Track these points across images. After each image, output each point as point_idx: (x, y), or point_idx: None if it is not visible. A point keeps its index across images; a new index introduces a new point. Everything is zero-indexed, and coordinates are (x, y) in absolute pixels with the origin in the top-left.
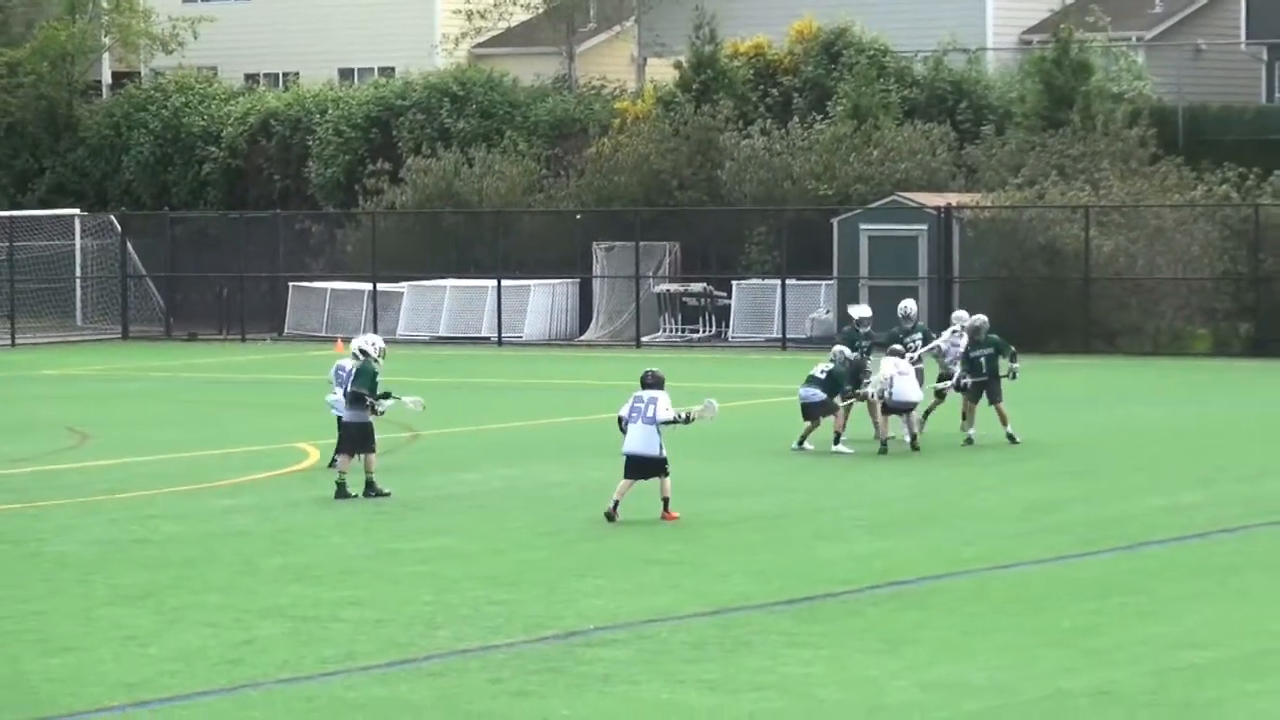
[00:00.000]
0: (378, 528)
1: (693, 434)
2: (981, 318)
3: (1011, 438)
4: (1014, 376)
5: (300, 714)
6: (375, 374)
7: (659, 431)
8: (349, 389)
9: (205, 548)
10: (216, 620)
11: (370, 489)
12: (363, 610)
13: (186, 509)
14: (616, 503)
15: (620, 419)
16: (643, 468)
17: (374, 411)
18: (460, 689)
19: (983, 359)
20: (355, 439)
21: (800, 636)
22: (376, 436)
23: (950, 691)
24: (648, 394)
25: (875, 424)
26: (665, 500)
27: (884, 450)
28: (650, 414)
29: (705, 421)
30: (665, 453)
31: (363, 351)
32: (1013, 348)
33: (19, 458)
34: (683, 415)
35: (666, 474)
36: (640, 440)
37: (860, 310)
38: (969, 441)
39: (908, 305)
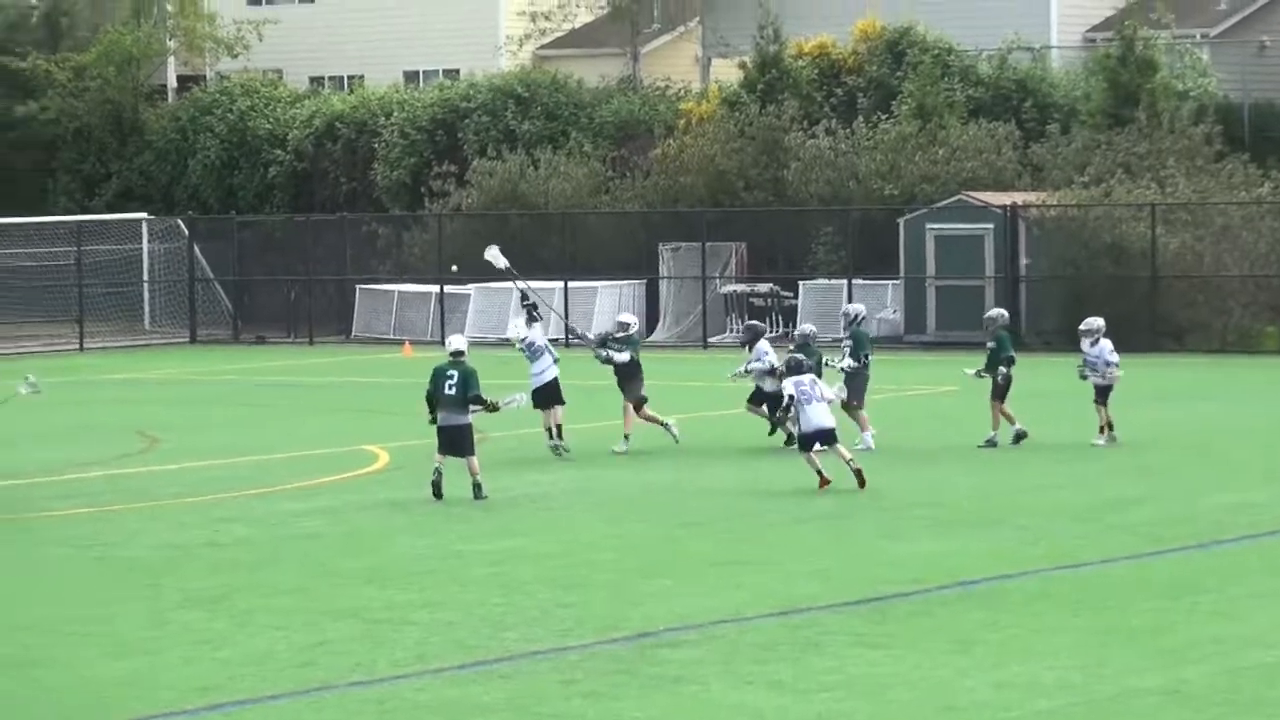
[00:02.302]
0: (447, 530)
1: (756, 434)
2: (996, 311)
3: (991, 442)
4: (1001, 380)
5: (372, 716)
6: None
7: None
8: (457, 393)
9: (276, 551)
10: (287, 623)
11: (478, 491)
12: (434, 612)
13: (256, 512)
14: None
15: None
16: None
17: (494, 409)
18: (531, 691)
19: (988, 353)
20: (456, 442)
21: (869, 637)
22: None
23: (1021, 691)
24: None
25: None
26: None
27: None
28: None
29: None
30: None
31: (460, 352)
32: (1010, 353)
33: (88, 462)
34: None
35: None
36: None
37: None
38: (989, 443)
39: (852, 308)
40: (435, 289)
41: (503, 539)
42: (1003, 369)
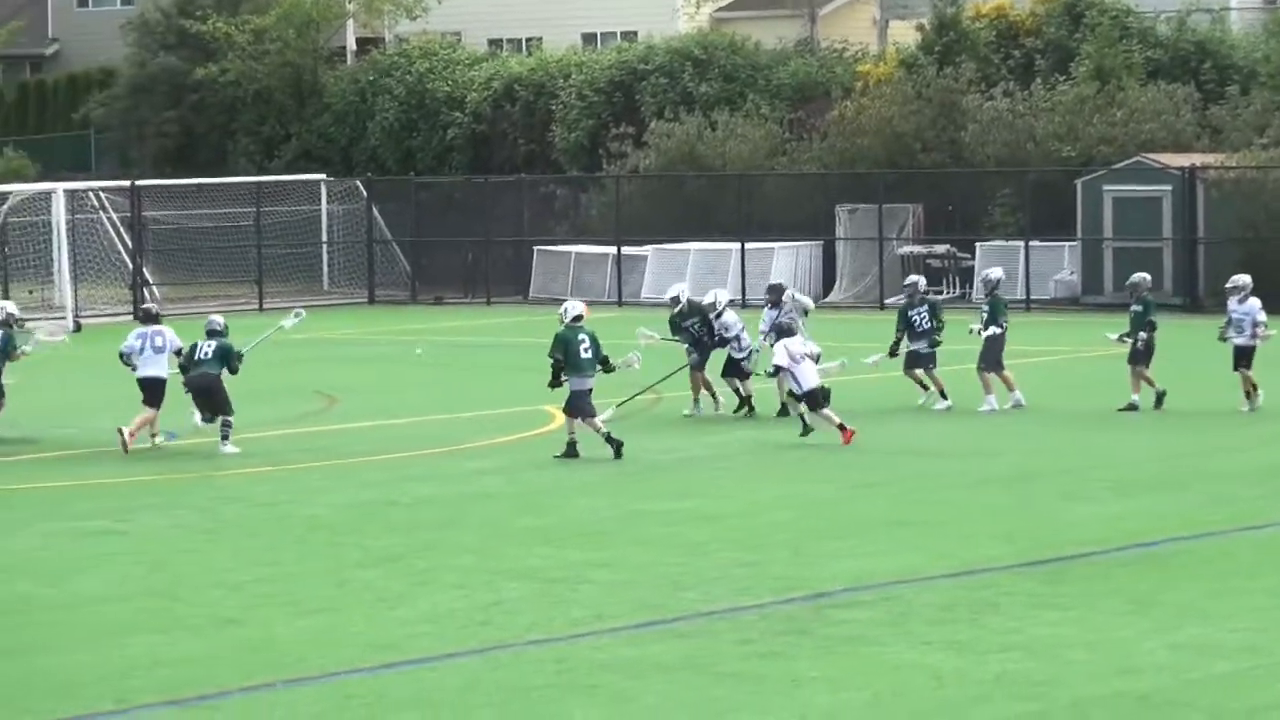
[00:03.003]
0: (624, 489)
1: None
2: (1139, 276)
3: (1132, 405)
4: (1141, 345)
5: (550, 675)
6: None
7: None
8: (592, 355)
9: (454, 510)
10: (466, 582)
11: (611, 442)
12: (611, 572)
13: (435, 471)
14: None
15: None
16: None
17: (611, 370)
18: (709, 650)
19: (1131, 317)
20: (587, 404)
21: (1047, 598)
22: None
23: (1200, 653)
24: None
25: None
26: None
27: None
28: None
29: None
30: None
31: (580, 316)
32: (1153, 317)
33: (269, 421)
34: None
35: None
36: None
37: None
38: (1129, 407)
39: (991, 273)
40: (612, 250)
41: (680, 499)
42: (1143, 334)
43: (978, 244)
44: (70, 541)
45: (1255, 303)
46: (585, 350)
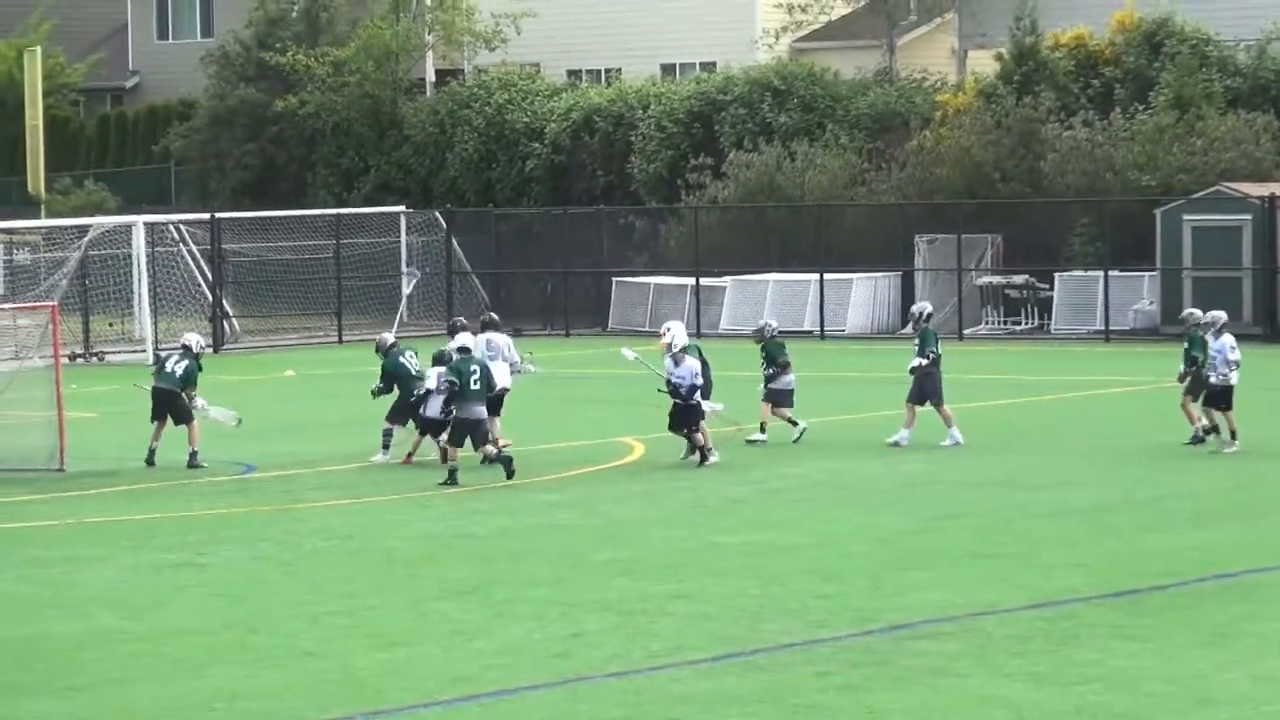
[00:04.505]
0: (702, 521)
1: (1018, 426)
2: (1188, 312)
3: (1197, 437)
4: (1192, 379)
5: (629, 707)
6: None
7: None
8: (480, 386)
9: (531, 542)
10: (543, 614)
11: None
12: (689, 604)
13: (512, 503)
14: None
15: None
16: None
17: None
18: (786, 682)
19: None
20: (475, 432)
21: (1127, 629)
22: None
23: None
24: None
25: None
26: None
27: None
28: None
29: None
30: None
31: (467, 349)
32: (1196, 352)
33: (347, 454)
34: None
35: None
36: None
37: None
38: (1195, 439)
39: (917, 306)
40: (691, 281)
41: (758, 531)
42: (1182, 368)
43: (1056, 274)
44: (151, 575)
45: (1228, 339)
46: (475, 381)
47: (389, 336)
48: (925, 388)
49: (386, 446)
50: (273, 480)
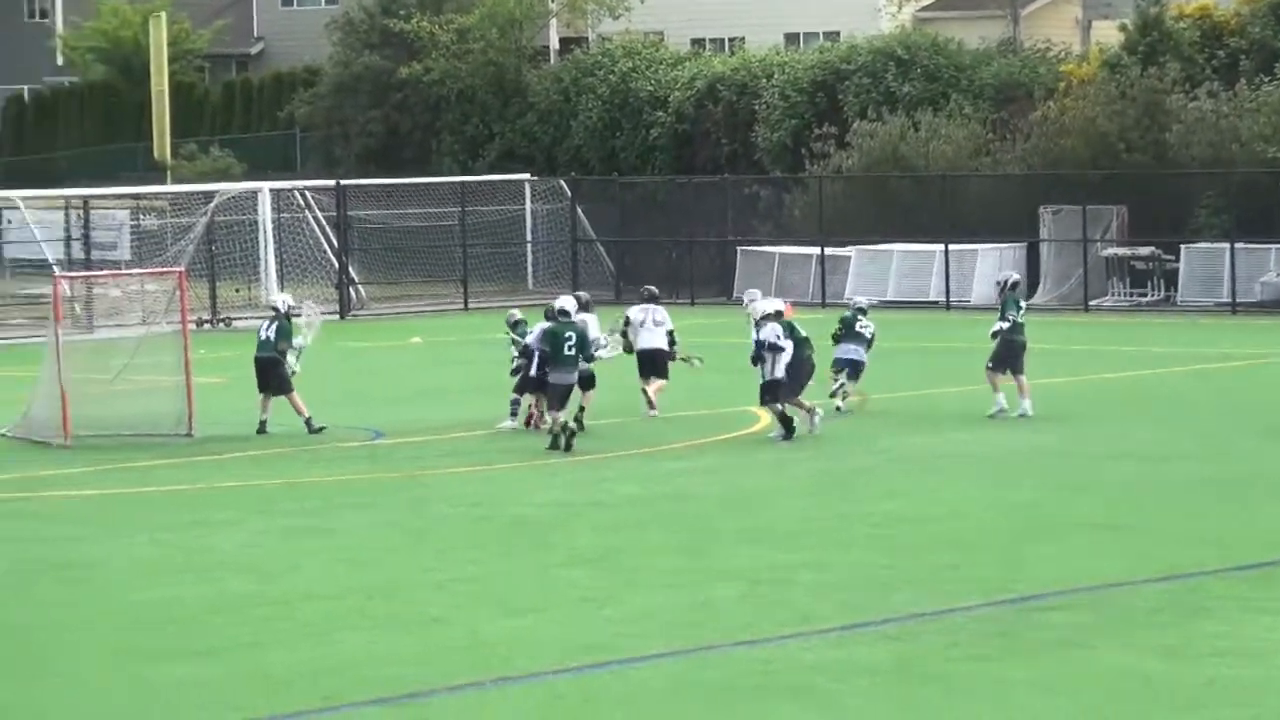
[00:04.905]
0: (830, 491)
1: (1145, 398)
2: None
3: None
4: None
5: (758, 675)
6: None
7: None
8: (575, 351)
9: (659, 510)
10: (672, 582)
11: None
12: (818, 573)
13: (641, 471)
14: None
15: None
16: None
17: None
18: (916, 652)
19: None
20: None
21: (1258, 602)
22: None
23: None
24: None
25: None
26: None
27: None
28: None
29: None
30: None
31: (566, 311)
32: None
33: (474, 421)
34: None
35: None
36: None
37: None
38: None
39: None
40: (816, 250)
41: (887, 501)
42: None
43: (1182, 246)
44: (280, 540)
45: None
46: (570, 348)
47: (516, 312)
48: (1004, 354)
49: (514, 414)
50: (400, 447)
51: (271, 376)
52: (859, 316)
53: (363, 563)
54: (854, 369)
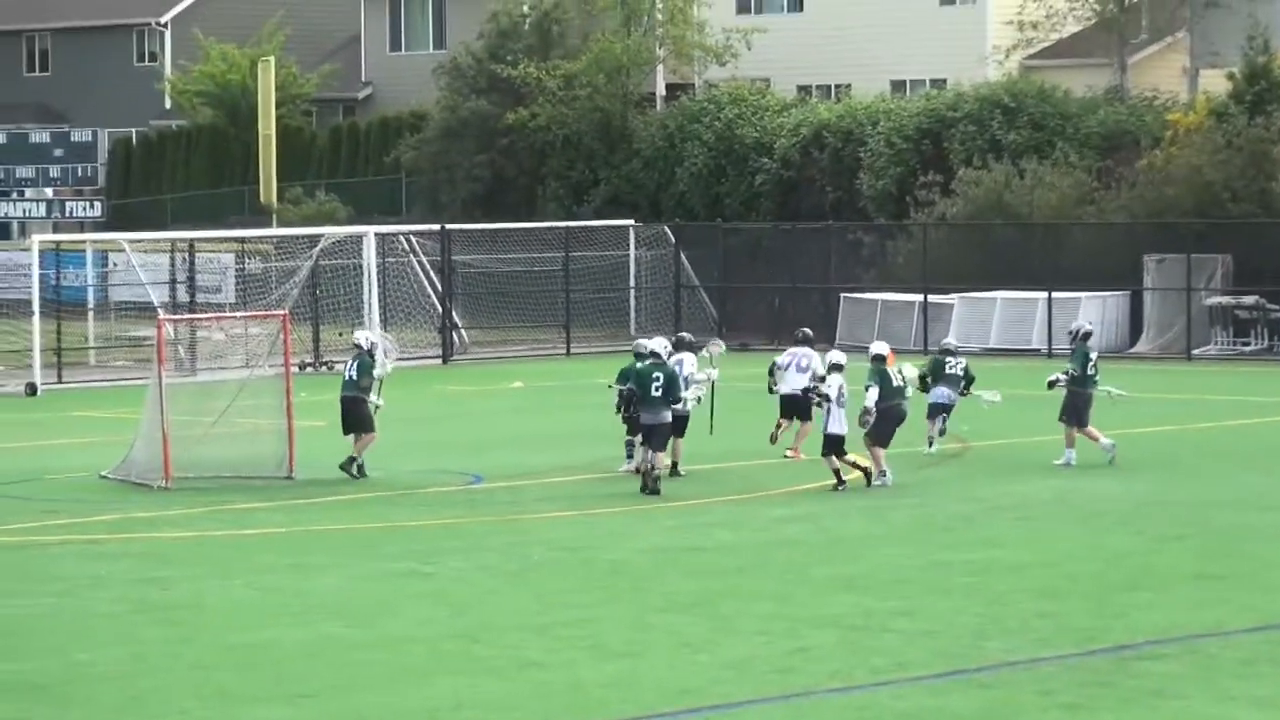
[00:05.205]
0: (927, 539)
1: (1247, 448)
2: None
3: None
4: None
5: None
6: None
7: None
8: (661, 393)
9: (757, 556)
10: (768, 628)
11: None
12: (913, 621)
13: (739, 517)
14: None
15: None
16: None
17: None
18: (1010, 701)
19: None
20: (661, 437)
21: None
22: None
23: None
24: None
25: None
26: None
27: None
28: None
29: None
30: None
31: (656, 354)
32: None
33: (574, 466)
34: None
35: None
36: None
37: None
38: None
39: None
40: (919, 298)
41: (983, 549)
42: None
43: None
44: (376, 583)
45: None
46: (656, 389)
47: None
48: (1071, 406)
49: (630, 456)
50: (499, 491)
51: (353, 415)
52: (947, 359)
53: (460, 606)
54: (948, 411)
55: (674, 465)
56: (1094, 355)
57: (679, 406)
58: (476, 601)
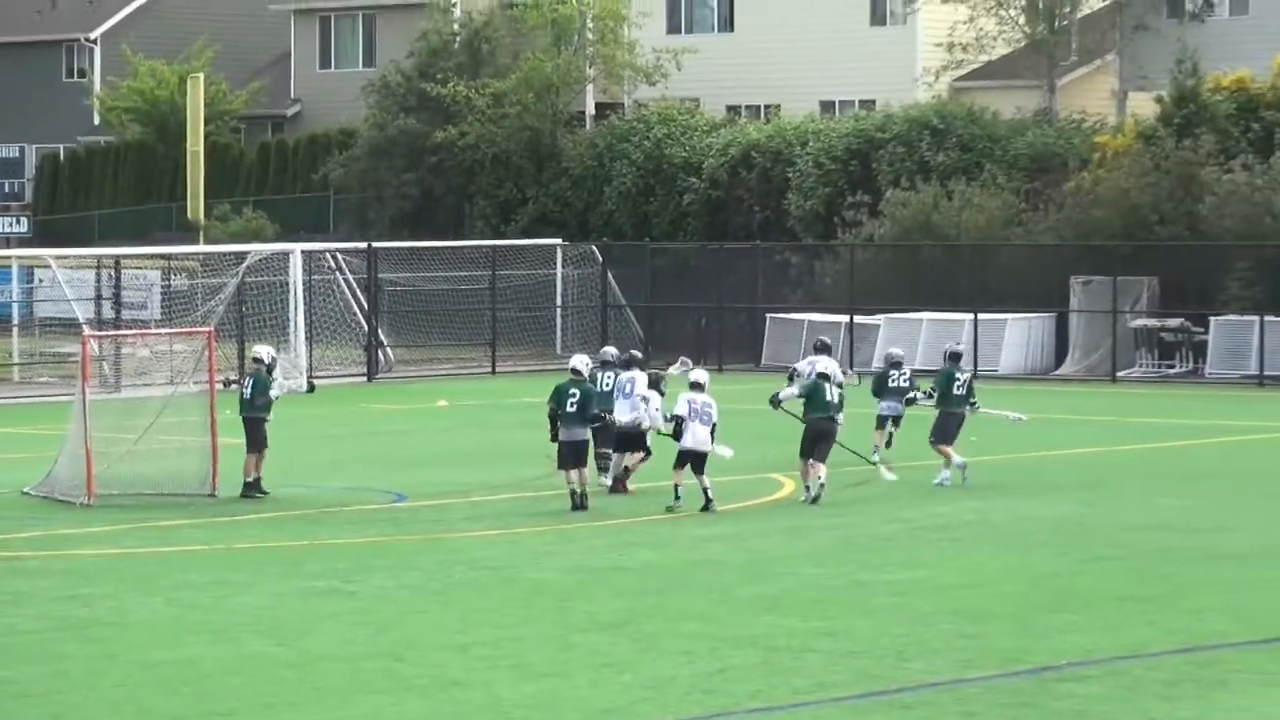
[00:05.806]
0: (849, 559)
1: (1171, 470)
2: None
3: None
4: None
5: None
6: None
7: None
8: (577, 410)
9: (680, 576)
10: (691, 648)
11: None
12: (835, 641)
13: (662, 537)
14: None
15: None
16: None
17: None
18: None
19: None
20: (579, 455)
21: (1277, 676)
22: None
23: None
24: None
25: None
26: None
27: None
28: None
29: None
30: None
31: (578, 370)
32: None
33: (497, 484)
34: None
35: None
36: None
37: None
38: None
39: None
40: (845, 318)
41: (906, 569)
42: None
43: (1212, 318)
44: (299, 601)
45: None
46: (571, 405)
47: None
48: (939, 426)
49: (603, 469)
50: (423, 509)
51: (252, 437)
52: (890, 371)
53: (382, 625)
54: (895, 423)
55: (618, 482)
56: (962, 376)
57: (632, 422)
58: (399, 620)
